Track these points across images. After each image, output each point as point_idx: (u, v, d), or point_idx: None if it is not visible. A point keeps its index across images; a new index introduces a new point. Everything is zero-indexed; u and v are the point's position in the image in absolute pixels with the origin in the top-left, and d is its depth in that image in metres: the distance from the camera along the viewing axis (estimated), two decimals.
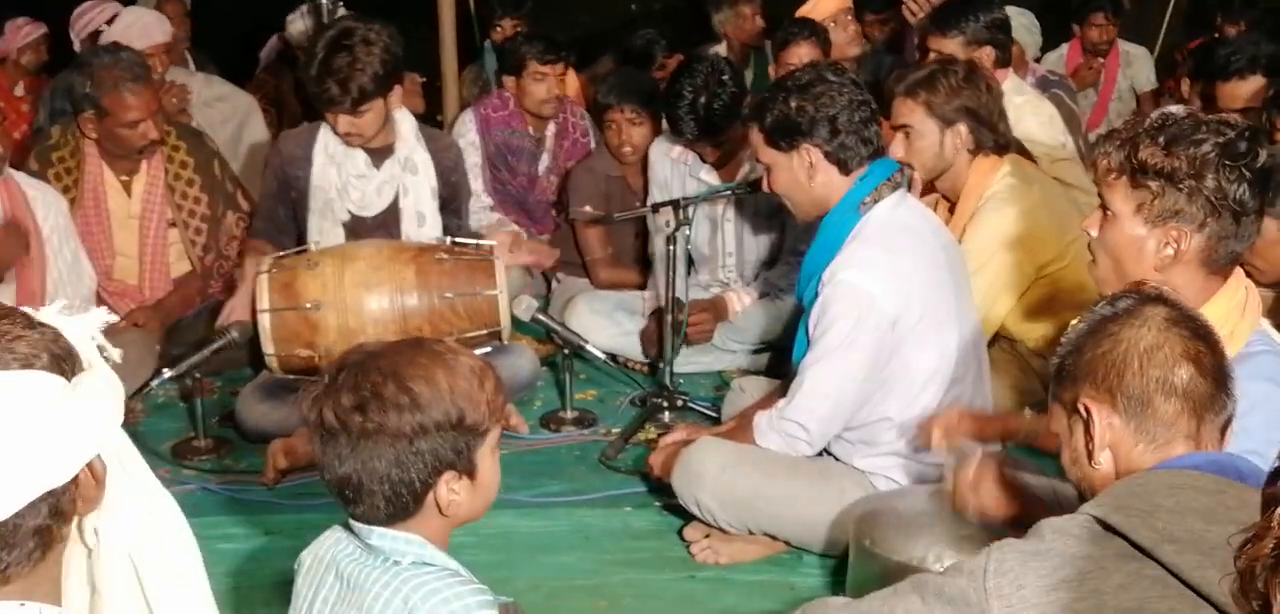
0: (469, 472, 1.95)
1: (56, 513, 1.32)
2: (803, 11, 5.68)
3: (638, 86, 4.90)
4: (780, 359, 4.24)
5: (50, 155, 4.44)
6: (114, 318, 1.48)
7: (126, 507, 1.43)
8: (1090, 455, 1.94)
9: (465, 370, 1.96)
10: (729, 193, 4.38)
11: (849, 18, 5.86)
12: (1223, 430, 1.93)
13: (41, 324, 1.35)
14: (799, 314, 3.37)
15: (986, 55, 4.38)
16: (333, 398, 1.89)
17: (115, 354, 1.45)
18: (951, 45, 4.38)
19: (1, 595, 1.30)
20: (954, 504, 2.65)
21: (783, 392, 3.34)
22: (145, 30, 5.45)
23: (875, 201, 3.09)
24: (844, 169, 3.11)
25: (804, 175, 3.14)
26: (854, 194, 3.10)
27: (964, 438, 2.84)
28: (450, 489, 1.93)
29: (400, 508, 1.92)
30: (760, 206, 4.46)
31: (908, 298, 3.02)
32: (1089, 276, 2.62)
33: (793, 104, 3.10)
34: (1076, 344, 1.98)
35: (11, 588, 1.30)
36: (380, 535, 1.93)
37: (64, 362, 1.34)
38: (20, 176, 4.08)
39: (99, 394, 1.35)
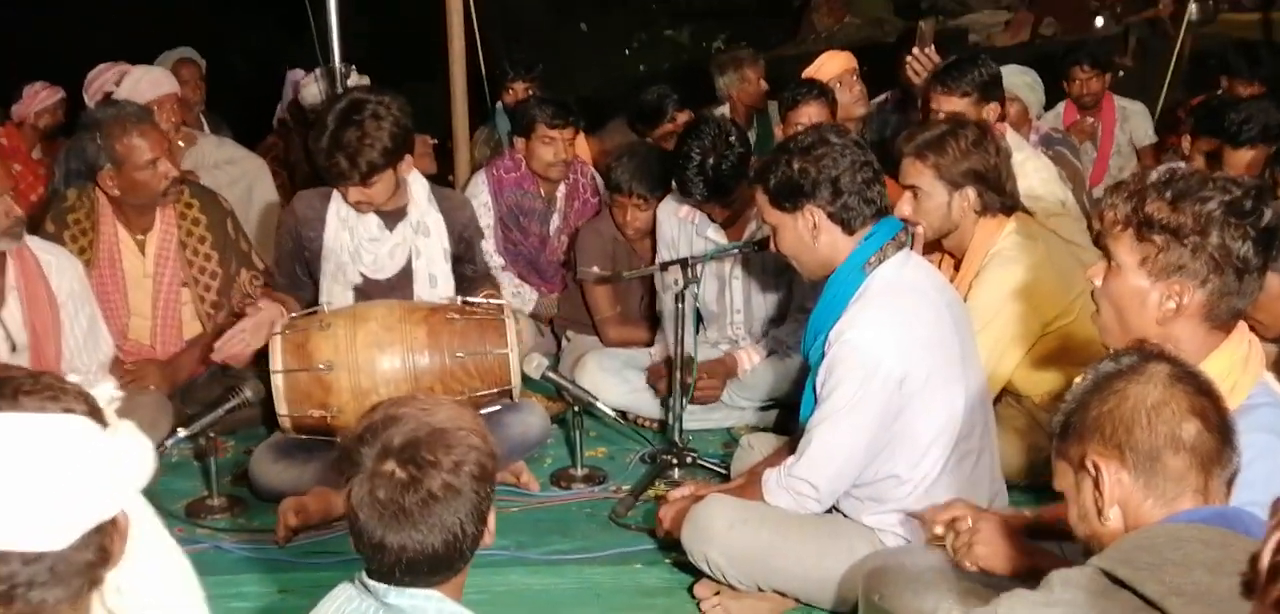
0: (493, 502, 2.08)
1: (101, 551, 1.40)
2: (808, 72, 5.74)
3: (648, 171, 4.90)
4: (788, 416, 4.27)
5: (66, 217, 4.49)
6: (120, 395, 1.55)
7: (146, 559, 1.50)
8: (1100, 512, 1.96)
9: (472, 412, 2.11)
10: (737, 251, 4.42)
11: (854, 78, 5.92)
12: (1228, 484, 1.95)
13: (71, 382, 1.44)
14: (806, 371, 3.39)
15: (992, 112, 4.41)
16: (430, 472, 1.97)
17: (115, 420, 1.51)
18: (959, 103, 4.39)
19: None
20: (954, 558, 2.67)
21: (791, 449, 3.36)
22: (154, 83, 5.57)
23: (880, 261, 3.11)
24: (847, 229, 3.14)
25: (808, 236, 3.17)
26: (859, 254, 3.13)
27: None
28: (492, 520, 2.08)
29: (463, 557, 2.02)
30: (767, 265, 4.50)
31: (914, 357, 3.05)
32: (1095, 331, 2.66)
33: (796, 166, 3.13)
34: (1082, 401, 2.00)
35: None
36: (398, 593, 1.98)
37: (97, 414, 1.42)
38: (34, 242, 4.09)
39: (131, 444, 1.44)
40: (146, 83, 5.49)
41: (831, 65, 5.87)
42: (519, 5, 13.21)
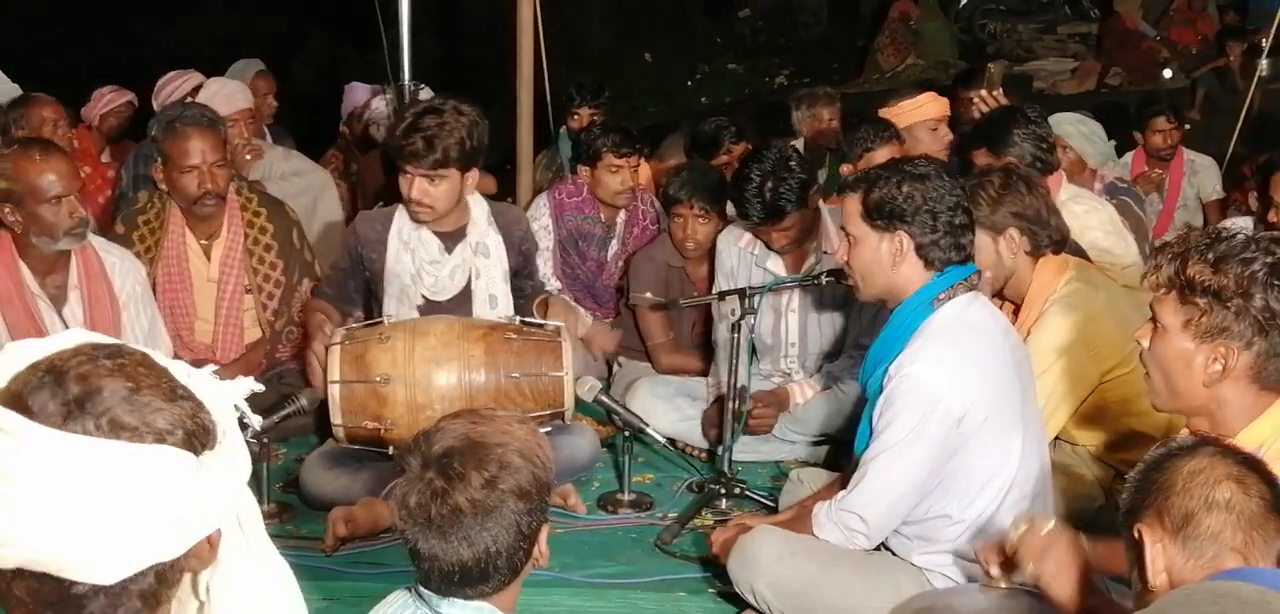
0: (547, 522, 2.07)
1: (162, 579, 1.35)
2: (907, 110, 5.66)
3: (707, 183, 4.97)
4: (839, 451, 4.24)
5: (136, 218, 4.57)
6: (260, 388, 1.51)
7: (240, 568, 1.45)
8: (1146, 582, 2.01)
9: (532, 428, 2.11)
10: (795, 284, 4.41)
11: (944, 124, 5.83)
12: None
13: (184, 395, 1.36)
14: (860, 407, 3.37)
15: None
16: (458, 485, 1.97)
17: (255, 422, 1.48)
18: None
19: None
20: (1019, 554, 2.62)
21: (842, 483, 3.34)
22: (229, 97, 5.62)
23: (949, 299, 3.09)
24: (928, 265, 3.11)
25: (889, 260, 3.13)
26: (930, 289, 3.10)
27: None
28: (545, 541, 2.07)
29: (513, 572, 2.02)
30: (824, 299, 4.49)
31: (974, 397, 3.02)
32: None
33: (903, 189, 3.10)
34: (1134, 482, 2.09)
35: None
36: (450, 604, 1.99)
37: (196, 437, 1.35)
38: (99, 242, 4.17)
39: (224, 472, 1.37)
40: (222, 97, 5.56)
41: (932, 108, 5.77)
42: (584, 31, 13.32)
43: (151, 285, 4.42)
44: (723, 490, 4.11)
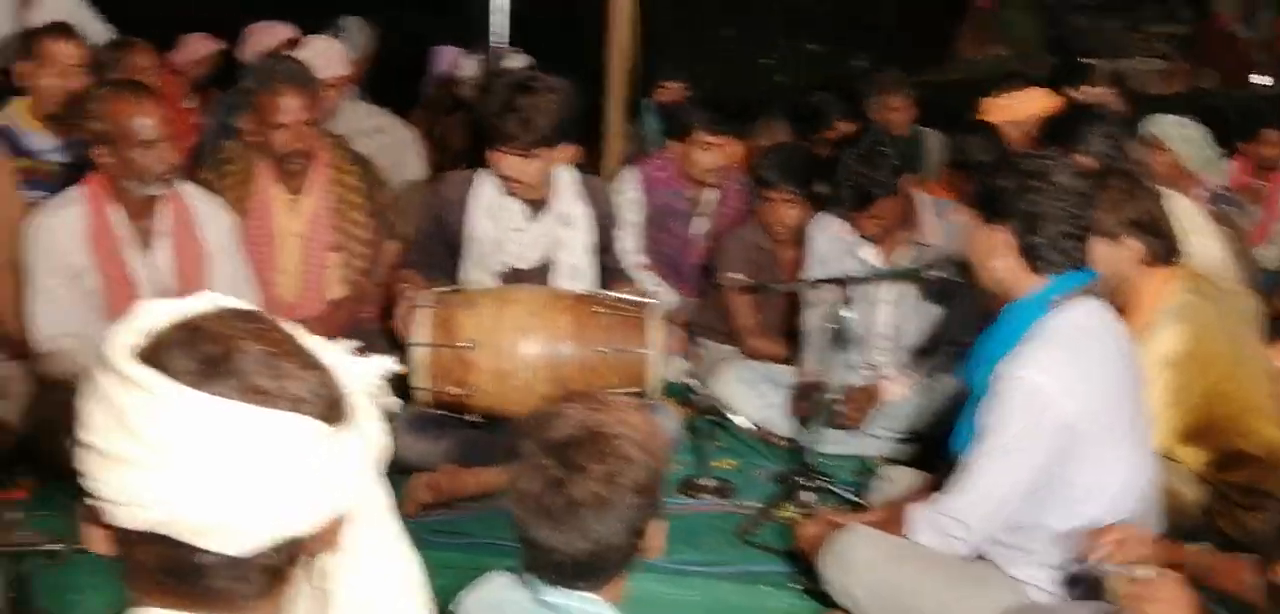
0: (659, 515, 2.01)
1: (288, 557, 1.30)
2: (1019, 109, 5.50)
3: (796, 167, 4.87)
4: (928, 450, 4.14)
5: (223, 167, 4.54)
6: (401, 368, 1.43)
7: (365, 558, 1.39)
8: None
9: (648, 416, 2.06)
10: (897, 277, 4.32)
11: None
12: None
13: (320, 365, 1.30)
14: (952, 405, 3.27)
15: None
16: (577, 477, 1.90)
17: (395, 404, 1.41)
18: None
19: None
20: (1117, 600, 2.54)
21: (935, 485, 3.25)
22: (328, 62, 5.55)
23: (1067, 301, 2.97)
24: (1032, 267, 3.00)
25: (987, 252, 3.05)
26: (1049, 290, 2.98)
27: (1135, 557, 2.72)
28: (658, 534, 2.02)
29: (622, 565, 1.96)
30: (920, 293, 4.39)
31: (1087, 405, 2.90)
32: (1259, 400, 2.54)
33: (1007, 183, 3.01)
34: (1275, 522, 2.08)
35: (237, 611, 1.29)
36: (554, 591, 1.94)
37: (333, 410, 1.29)
38: (189, 190, 4.14)
39: (359, 450, 1.31)
40: (323, 59, 5.50)
41: (1042, 103, 5.57)
42: (659, 6, 13.19)
43: None
44: (806, 483, 4.02)
